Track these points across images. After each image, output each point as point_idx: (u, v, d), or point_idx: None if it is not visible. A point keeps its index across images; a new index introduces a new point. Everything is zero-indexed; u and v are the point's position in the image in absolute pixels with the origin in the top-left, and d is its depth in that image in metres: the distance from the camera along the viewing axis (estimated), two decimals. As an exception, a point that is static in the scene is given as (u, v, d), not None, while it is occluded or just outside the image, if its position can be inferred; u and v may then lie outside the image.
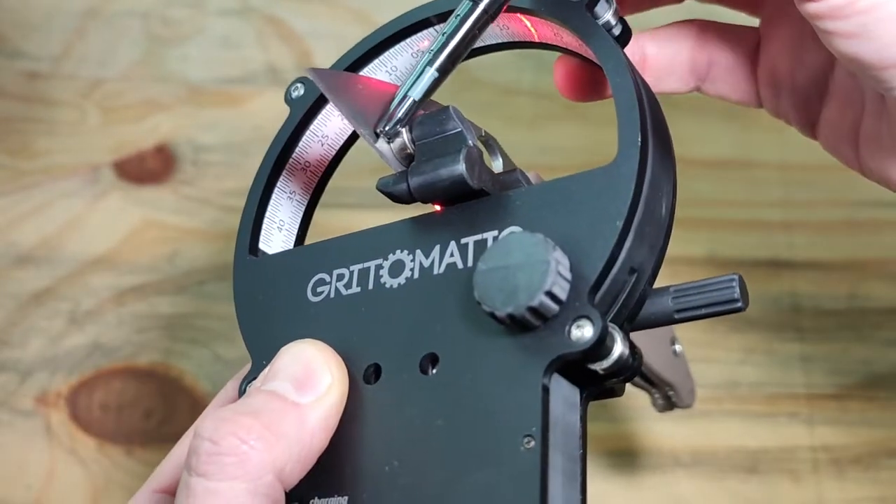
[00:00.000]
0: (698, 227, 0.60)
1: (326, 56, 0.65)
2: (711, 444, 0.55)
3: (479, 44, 0.33)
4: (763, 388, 0.56)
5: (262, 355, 0.31)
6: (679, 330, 0.57)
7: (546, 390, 0.26)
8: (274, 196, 0.36)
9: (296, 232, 0.37)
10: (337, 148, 0.37)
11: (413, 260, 0.30)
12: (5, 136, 0.63)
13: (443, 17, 0.34)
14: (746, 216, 0.61)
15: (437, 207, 0.31)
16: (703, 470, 0.54)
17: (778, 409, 0.56)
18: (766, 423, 0.56)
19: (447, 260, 0.29)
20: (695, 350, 0.56)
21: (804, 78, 0.38)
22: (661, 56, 0.39)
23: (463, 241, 0.29)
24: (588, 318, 0.26)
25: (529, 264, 0.26)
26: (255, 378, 0.30)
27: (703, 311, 0.28)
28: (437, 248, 0.30)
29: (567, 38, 0.33)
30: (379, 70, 0.36)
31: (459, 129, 0.31)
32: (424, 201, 0.31)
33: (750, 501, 0.54)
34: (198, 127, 0.64)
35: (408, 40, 0.35)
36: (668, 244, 0.29)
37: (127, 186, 0.62)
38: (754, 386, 0.56)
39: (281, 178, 0.36)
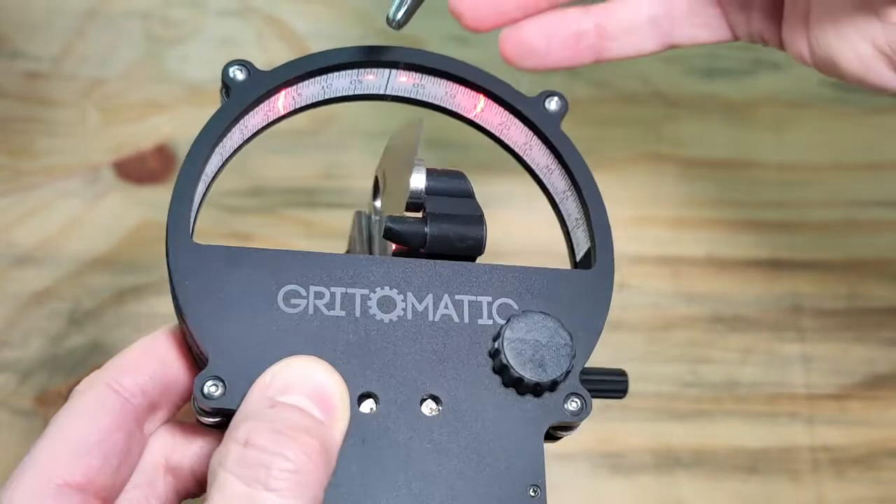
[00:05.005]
0: (698, 227, 0.60)
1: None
2: (711, 444, 0.55)
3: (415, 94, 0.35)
4: (763, 388, 0.56)
5: (222, 353, 0.30)
6: (678, 330, 0.57)
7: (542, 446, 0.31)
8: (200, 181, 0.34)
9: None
10: (249, 137, 0.37)
11: (404, 300, 0.31)
12: (5, 136, 0.63)
13: (399, 66, 0.35)
14: (746, 216, 0.61)
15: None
16: (703, 470, 0.54)
17: (778, 409, 0.56)
18: (766, 423, 0.55)
19: (442, 311, 0.31)
20: (694, 350, 0.56)
21: None
22: (618, 19, 0.39)
23: (457, 297, 0.32)
24: (581, 395, 0.31)
25: (555, 346, 0.30)
26: (217, 377, 0.29)
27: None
28: (431, 296, 0.32)
29: (514, 135, 0.36)
30: (314, 85, 0.35)
31: (471, 194, 0.34)
32: (431, 252, 0.33)
33: (750, 501, 0.54)
34: (198, 127, 0.64)
35: (354, 70, 0.35)
36: None
37: (127, 186, 0.62)
38: (754, 386, 0.56)
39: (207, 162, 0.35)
